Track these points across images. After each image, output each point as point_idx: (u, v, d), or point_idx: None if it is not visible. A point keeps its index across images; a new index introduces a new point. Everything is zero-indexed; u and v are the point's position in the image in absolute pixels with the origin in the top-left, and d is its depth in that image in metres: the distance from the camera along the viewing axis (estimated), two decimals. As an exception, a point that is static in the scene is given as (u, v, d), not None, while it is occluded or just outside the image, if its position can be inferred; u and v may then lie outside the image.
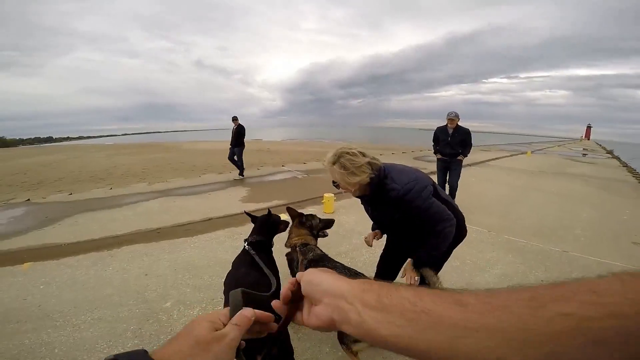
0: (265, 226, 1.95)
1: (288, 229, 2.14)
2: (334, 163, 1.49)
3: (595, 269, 3.12)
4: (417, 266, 1.61)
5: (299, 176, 8.26)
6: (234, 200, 5.77)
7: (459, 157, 5.00)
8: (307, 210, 4.93)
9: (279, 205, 5.14)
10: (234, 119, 8.02)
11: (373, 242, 1.91)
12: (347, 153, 1.48)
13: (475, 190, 6.90)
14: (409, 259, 1.67)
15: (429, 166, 9.92)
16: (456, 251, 1.78)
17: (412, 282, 1.61)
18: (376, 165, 1.52)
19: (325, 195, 4.87)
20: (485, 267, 3.13)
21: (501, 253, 3.49)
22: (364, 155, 1.50)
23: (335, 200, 5.00)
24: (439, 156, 5.17)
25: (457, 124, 4.85)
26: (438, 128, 5.10)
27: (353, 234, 3.94)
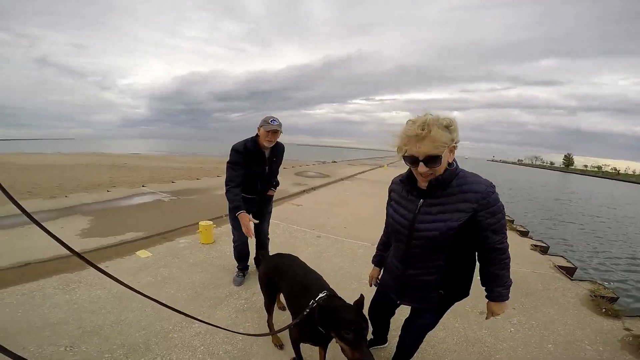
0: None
1: None
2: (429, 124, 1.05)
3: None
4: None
5: (165, 199, 6.81)
6: (68, 235, 4.10)
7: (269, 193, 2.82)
8: (178, 243, 4.01)
9: (136, 240, 4.02)
10: None
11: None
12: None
13: (352, 204, 6.93)
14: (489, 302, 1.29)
15: (310, 182, 9.91)
16: (354, 272, 1.60)
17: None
18: None
19: (201, 223, 3.77)
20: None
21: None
22: None
23: (214, 227, 3.94)
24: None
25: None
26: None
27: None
